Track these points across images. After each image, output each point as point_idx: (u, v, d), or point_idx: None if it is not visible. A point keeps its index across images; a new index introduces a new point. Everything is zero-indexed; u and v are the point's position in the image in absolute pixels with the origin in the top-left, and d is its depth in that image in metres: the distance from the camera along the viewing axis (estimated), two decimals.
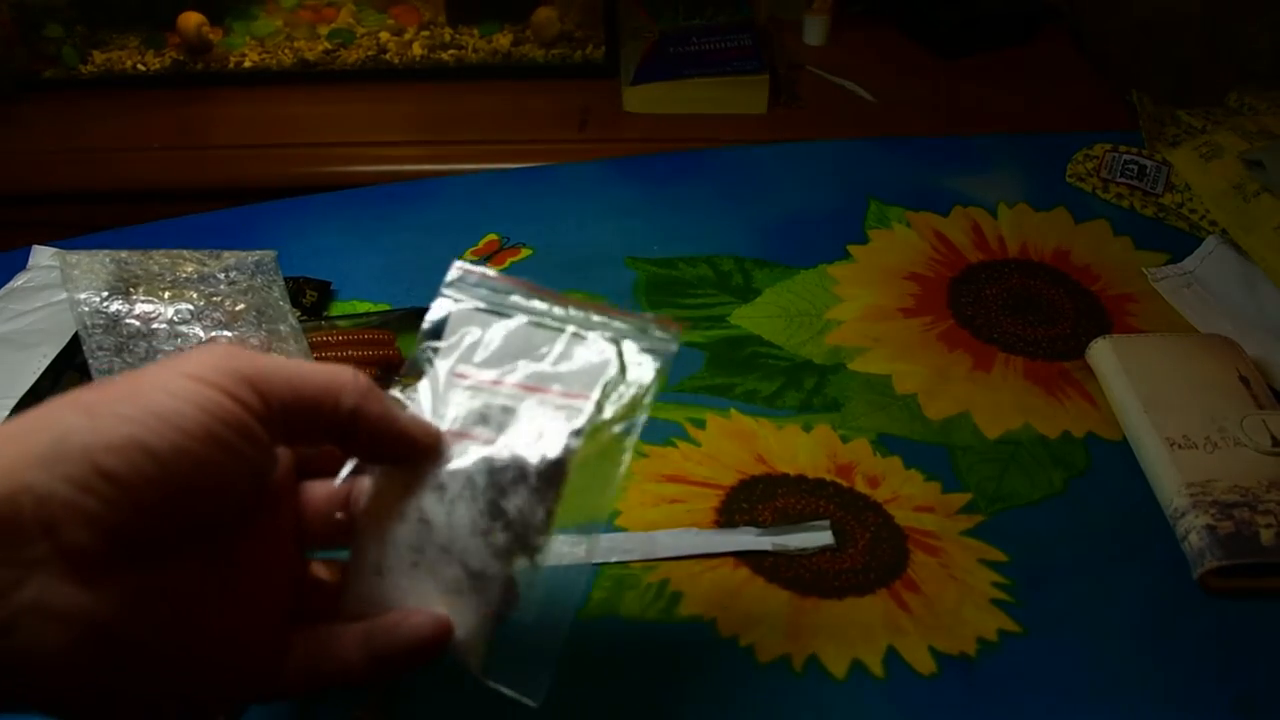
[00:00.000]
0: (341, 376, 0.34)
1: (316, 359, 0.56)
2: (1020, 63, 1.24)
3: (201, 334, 0.55)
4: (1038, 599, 0.47)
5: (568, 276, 0.66)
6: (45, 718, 0.29)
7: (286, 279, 0.60)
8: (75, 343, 0.57)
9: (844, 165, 0.76)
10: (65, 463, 0.28)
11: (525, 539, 0.35)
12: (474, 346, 0.38)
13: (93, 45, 1.24)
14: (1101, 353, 0.57)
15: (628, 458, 0.36)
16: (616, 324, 0.38)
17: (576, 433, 0.35)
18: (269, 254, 0.61)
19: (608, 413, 0.36)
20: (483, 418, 0.36)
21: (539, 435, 0.36)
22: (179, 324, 0.55)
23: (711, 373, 0.59)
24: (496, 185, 0.75)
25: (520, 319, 0.39)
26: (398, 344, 0.58)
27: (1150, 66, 1.43)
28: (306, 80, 1.23)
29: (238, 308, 0.56)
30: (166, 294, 0.56)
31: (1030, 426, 0.55)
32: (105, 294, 0.56)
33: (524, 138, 1.13)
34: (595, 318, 0.38)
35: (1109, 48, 1.40)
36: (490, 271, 0.40)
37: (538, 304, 0.39)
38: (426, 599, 0.35)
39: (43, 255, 0.67)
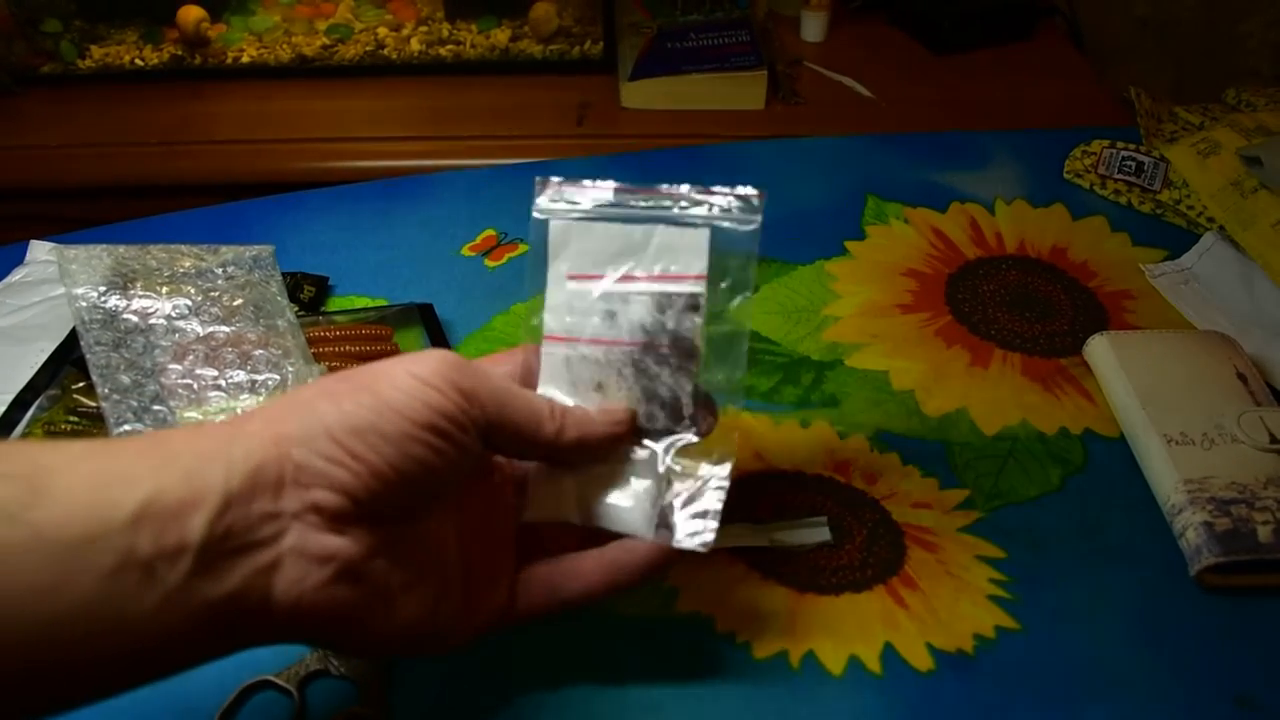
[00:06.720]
0: (542, 409, 0.39)
1: (314, 354, 0.56)
2: (1018, 59, 1.24)
3: (199, 329, 0.55)
4: (1035, 595, 0.47)
5: None
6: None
7: (284, 274, 0.60)
8: (73, 337, 0.57)
9: (842, 161, 0.76)
10: (318, 440, 0.34)
11: (679, 412, 0.41)
12: (581, 253, 0.42)
13: (91, 40, 1.23)
14: (1099, 349, 0.57)
15: (748, 324, 0.41)
16: (703, 205, 0.41)
17: (695, 307, 0.40)
18: (266, 249, 0.60)
19: (717, 286, 0.41)
20: (609, 315, 0.41)
21: (664, 319, 0.40)
22: (176, 319, 0.55)
23: None
24: (494, 181, 0.75)
25: (614, 218, 0.42)
26: (395, 339, 0.58)
27: (1148, 63, 1.43)
28: (304, 75, 1.23)
29: (235, 303, 0.56)
30: (164, 289, 0.56)
31: (1028, 423, 0.56)
32: (103, 289, 0.55)
33: (522, 133, 1.13)
34: (683, 202, 0.41)
35: (1106, 44, 1.40)
36: (571, 182, 0.43)
37: (627, 199, 0.42)
38: (609, 476, 0.40)
39: (40, 250, 0.66)
